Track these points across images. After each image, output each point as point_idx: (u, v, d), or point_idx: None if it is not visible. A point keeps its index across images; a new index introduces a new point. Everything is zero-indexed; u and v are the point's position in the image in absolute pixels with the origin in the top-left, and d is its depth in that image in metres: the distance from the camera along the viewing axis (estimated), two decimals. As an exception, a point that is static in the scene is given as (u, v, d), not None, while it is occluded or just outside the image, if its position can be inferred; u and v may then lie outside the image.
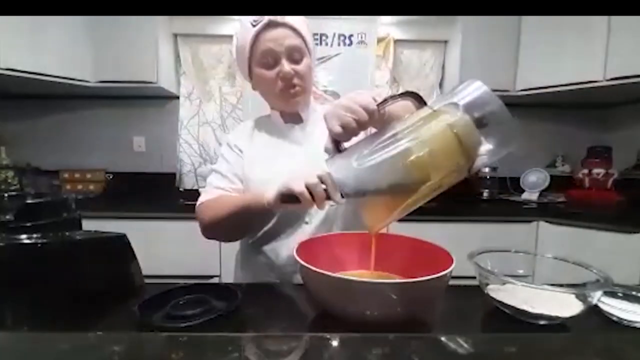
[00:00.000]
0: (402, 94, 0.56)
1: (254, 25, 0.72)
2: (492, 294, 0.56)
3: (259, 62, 0.75)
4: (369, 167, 0.51)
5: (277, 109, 0.84)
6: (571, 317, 0.51)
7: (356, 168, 0.52)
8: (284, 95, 0.77)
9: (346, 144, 0.57)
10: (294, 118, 0.84)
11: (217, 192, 0.80)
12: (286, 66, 0.73)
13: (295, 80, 0.75)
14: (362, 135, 0.58)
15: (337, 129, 0.54)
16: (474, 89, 0.50)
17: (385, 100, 0.56)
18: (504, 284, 0.55)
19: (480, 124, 0.48)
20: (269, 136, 0.85)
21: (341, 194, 0.57)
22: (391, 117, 0.59)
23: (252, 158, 0.82)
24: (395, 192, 0.52)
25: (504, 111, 0.47)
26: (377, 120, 0.56)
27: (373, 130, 0.59)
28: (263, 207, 0.64)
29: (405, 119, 0.54)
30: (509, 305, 0.53)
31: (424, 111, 0.53)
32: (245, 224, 0.75)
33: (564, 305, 0.51)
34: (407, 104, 0.57)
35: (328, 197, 0.57)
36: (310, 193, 0.57)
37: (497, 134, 0.49)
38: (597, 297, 0.50)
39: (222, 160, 0.84)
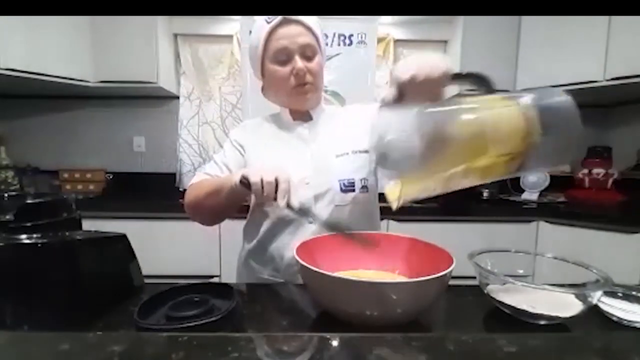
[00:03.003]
0: (475, 74, 0.55)
1: (268, 22, 0.73)
2: (492, 294, 0.56)
3: (272, 59, 0.76)
4: (429, 112, 0.48)
5: (287, 107, 0.84)
6: (571, 317, 0.51)
7: (413, 112, 0.48)
8: (297, 92, 0.77)
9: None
10: (304, 116, 0.84)
11: (204, 176, 0.82)
12: (299, 63, 0.74)
13: (308, 78, 0.76)
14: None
15: (405, 75, 0.53)
16: (556, 95, 0.49)
17: (458, 75, 0.55)
18: (504, 284, 0.55)
19: (545, 130, 0.46)
20: (277, 132, 0.85)
21: (288, 204, 0.60)
22: None
23: (257, 153, 0.82)
24: (442, 150, 0.48)
25: (579, 131, 0.46)
26: (443, 85, 0.56)
27: None
28: (231, 189, 0.67)
29: (472, 97, 0.52)
30: (509, 305, 0.53)
31: (495, 96, 0.52)
32: (218, 206, 0.76)
33: (564, 305, 0.51)
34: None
35: (275, 199, 0.61)
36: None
37: (554, 148, 0.48)
38: (597, 297, 0.50)
39: (221, 151, 0.86)
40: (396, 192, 0.54)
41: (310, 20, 0.75)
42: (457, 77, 0.56)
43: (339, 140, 0.81)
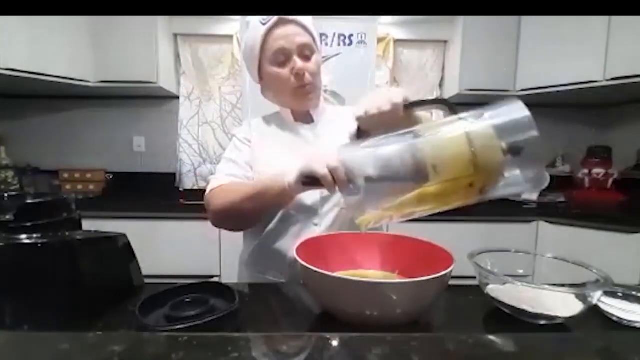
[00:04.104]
0: (433, 100, 0.58)
1: (263, 24, 0.72)
2: (492, 294, 0.56)
3: (270, 60, 0.75)
4: (371, 152, 0.51)
5: (289, 107, 0.83)
6: (571, 317, 0.51)
7: (361, 151, 0.53)
8: (298, 92, 0.76)
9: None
10: (305, 118, 0.83)
11: (229, 179, 0.78)
12: (299, 63, 0.73)
13: (307, 78, 0.75)
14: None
15: (359, 112, 0.59)
16: (512, 110, 0.46)
17: (415, 103, 0.57)
18: (504, 284, 0.55)
19: (513, 150, 0.44)
20: (279, 132, 0.84)
21: (364, 179, 0.56)
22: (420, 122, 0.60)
23: (260, 153, 0.81)
24: (392, 183, 0.51)
25: (535, 145, 0.43)
26: (402, 118, 0.58)
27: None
28: (282, 190, 0.63)
29: (428, 122, 0.54)
30: (509, 305, 0.53)
31: (450, 118, 0.52)
32: (258, 210, 0.72)
33: (564, 305, 0.51)
34: (440, 114, 0.59)
35: (349, 181, 0.56)
36: (333, 176, 0.56)
37: (526, 166, 0.46)
38: (597, 297, 0.50)
39: (233, 149, 0.83)
40: (364, 220, 0.58)
41: (306, 19, 0.75)
42: (419, 104, 0.59)
43: (344, 142, 0.81)
